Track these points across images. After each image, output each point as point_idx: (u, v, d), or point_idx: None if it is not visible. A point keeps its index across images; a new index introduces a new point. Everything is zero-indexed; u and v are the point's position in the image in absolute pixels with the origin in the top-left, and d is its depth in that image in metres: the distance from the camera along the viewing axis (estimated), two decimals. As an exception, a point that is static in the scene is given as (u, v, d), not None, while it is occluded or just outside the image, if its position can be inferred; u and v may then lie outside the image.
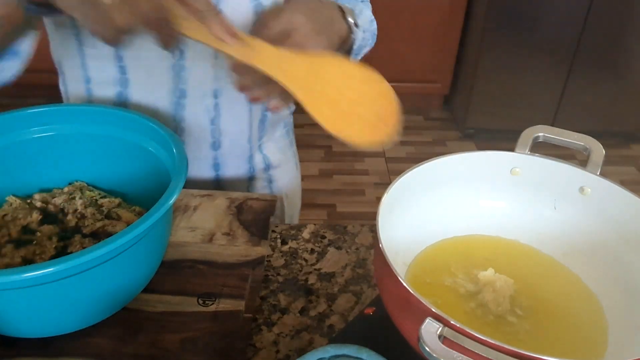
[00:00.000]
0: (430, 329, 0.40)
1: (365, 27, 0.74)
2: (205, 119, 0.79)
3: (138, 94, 0.76)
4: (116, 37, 0.48)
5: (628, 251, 0.57)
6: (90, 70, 0.75)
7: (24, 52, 0.63)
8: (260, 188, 0.91)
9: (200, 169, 0.84)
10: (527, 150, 0.62)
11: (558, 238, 0.62)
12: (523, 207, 0.64)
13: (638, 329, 0.52)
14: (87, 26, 0.48)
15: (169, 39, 0.51)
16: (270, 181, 0.92)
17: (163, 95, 0.76)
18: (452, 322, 0.40)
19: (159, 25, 0.49)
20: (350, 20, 0.67)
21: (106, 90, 0.76)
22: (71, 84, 0.79)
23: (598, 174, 0.59)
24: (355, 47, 0.70)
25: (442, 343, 0.39)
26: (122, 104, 0.77)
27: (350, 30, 0.67)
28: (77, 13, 0.48)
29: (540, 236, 0.63)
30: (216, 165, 0.84)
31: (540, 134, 0.62)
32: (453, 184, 0.62)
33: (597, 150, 0.60)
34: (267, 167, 0.90)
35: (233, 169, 0.86)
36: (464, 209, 0.64)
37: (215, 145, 0.82)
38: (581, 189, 0.60)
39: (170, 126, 0.78)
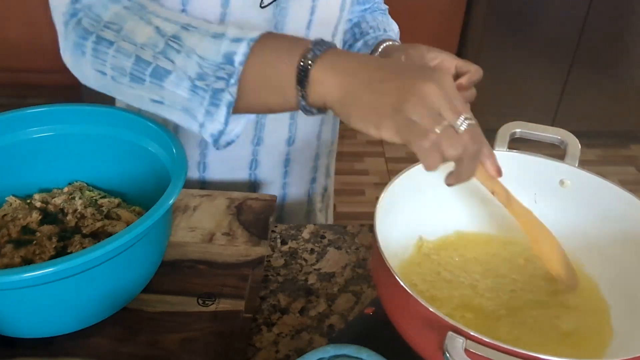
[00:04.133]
0: (456, 345, 0.39)
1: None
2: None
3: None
4: (437, 165, 0.44)
5: (610, 238, 0.58)
6: None
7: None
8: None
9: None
10: (505, 147, 0.62)
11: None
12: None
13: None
14: (415, 149, 0.43)
15: (464, 175, 0.46)
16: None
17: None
18: (472, 333, 0.40)
19: (470, 162, 0.45)
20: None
21: None
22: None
23: (576, 165, 0.60)
24: None
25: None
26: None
27: None
28: (393, 135, 0.44)
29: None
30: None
31: (517, 130, 0.63)
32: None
33: (573, 143, 0.61)
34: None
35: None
36: (460, 207, 0.64)
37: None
38: (561, 182, 0.61)
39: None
